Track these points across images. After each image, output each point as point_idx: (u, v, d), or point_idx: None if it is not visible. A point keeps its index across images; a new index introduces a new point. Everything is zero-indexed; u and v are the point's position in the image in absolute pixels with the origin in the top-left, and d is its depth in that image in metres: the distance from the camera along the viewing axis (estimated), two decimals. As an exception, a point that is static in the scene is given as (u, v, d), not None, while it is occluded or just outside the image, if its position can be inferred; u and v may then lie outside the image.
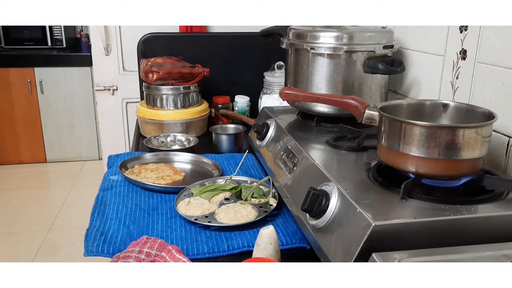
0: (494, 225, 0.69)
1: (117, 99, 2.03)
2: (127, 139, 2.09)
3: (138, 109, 1.60)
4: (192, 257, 0.86)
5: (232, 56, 1.80)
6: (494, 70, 0.92)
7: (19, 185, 3.52)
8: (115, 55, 1.98)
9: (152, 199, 1.09)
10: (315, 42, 1.13)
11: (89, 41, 2.55)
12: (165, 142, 1.49)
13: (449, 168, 0.74)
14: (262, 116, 1.32)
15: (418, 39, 1.19)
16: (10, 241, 2.72)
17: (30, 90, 3.67)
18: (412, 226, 0.66)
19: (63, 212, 3.09)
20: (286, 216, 1.01)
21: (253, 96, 1.73)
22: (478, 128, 0.73)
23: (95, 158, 3.98)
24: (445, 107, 0.87)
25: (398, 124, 0.76)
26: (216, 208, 1.01)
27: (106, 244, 0.88)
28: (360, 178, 0.82)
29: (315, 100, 1.04)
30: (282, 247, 0.88)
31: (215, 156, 1.36)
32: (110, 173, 1.23)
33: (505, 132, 0.90)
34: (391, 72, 1.12)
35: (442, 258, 0.59)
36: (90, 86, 3.72)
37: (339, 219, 0.72)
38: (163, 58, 1.62)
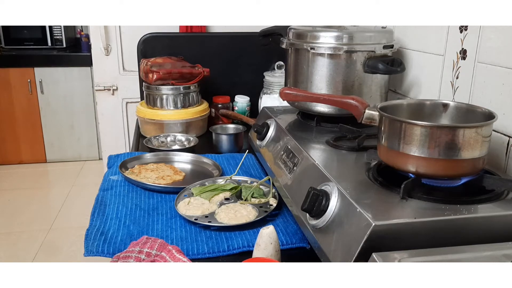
0: (494, 225, 0.69)
1: (117, 99, 2.03)
2: (127, 139, 2.09)
3: (138, 109, 1.60)
4: (192, 257, 0.86)
5: (232, 56, 1.80)
6: (494, 70, 0.92)
7: (19, 185, 3.52)
8: (115, 55, 1.98)
9: (152, 199, 1.09)
10: (315, 42, 1.13)
11: (89, 41, 2.55)
12: (165, 142, 1.49)
13: (449, 168, 0.74)
14: (262, 116, 1.32)
15: (418, 39, 1.19)
16: (10, 241, 2.72)
17: (30, 90, 3.67)
18: (412, 226, 0.66)
19: (63, 212, 3.09)
20: (286, 216, 1.01)
21: (253, 96, 1.73)
22: (478, 128, 0.73)
23: (95, 158, 3.98)
24: (445, 107, 0.87)
25: (398, 124, 0.76)
26: (216, 208, 1.01)
27: (106, 244, 0.88)
28: (360, 178, 0.82)
29: (315, 100, 1.04)
30: (282, 247, 0.88)
31: (215, 156, 1.36)
32: (110, 173, 1.23)
33: (505, 132, 0.90)
34: (391, 72, 1.12)
35: (442, 258, 0.59)
36: (90, 86, 3.72)
37: (339, 219, 0.72)
38: (163, 58, 1.62)
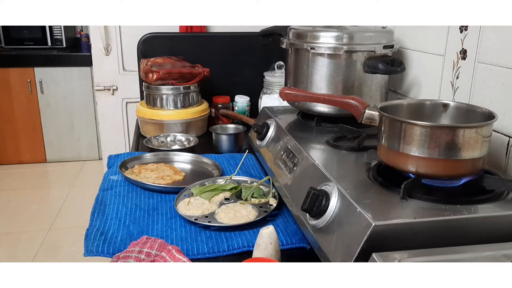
0: (494, 225, 0.69)
1: (117, 99, 2.03)
2: (127, 139, 2.09)
3: (138, 109, 1.60)
4: (192, 257, 0.86)
5: (232, 56, 1.80)
6: (494, 70, 0.92)
7: (19, 185, 3.52)
8: (115, 55, 1.98)
9: (152, 199, 1.09)
10: (315, 42, 1.13)
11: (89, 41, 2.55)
12: (165, 142, 1.49)
13: (449, 168, 0.74)
14: (262, 116, 1.32)
15: (418, 39, 1.19)
16: (10, 241, 2.72)
17: (30, 90, 3.67)
18: (412, 226, 0.66)
19: (63, 212, 3.09)
20: (286, 216, 1.01)
21: (253, 96, 1.73)
22: (478, 128, 0.73)
23: (95, 158, 3.98)
24: (445, 107, 0.87)
25: (398, 124, 0.76)
26: (216, 208, 1.01)
27: (106, 244, 0.88)
28: (360, 178, 0.82)
29: (315, 100, 1.04)
30: (282, 247, 0.88)
31: (215, 156, 1.36)
32: (110, 173, 1.23)
33: (505, 132, 0.90)
34: (391, 72, 1.12)
35: (442, 258, 0.59)
36: (90, 86, 3.72)
37: (339, 219, 0.72)
38: (163, 58, 1.62)
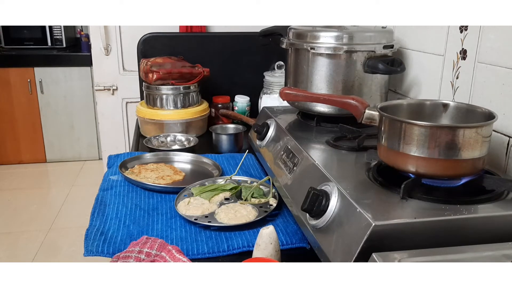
0: (494, 225, 0.69)
1: (117, 99, 2.03)
2: (127, 139, 2.09)
3: (138, 109, 1.60)
4: (192, 257, 0.86)
5: (232, 56, 1.80)
6: (494, 70, 0.92)
7: (19, 185, 3.52)
8: (115, 55, 1.98)
9: (152, 199, 1.09)
10: (315, 42, 1.13)
11: (89, 41, 2.55)
12: (165, 142, 1.49)
13: (449, 168, 0.74)
14: (262, 116, 1.32)
15: (418, 39, 1.19)
16: (10, 241, 2.72)
17: (30, 90, 3.67)
18: (412, 226, 0.66)
19: (63, 212, 3.09)
20: (286, 216, 1.01)
21: (253, 96, 1.73)
22: (478, 128, 0.73)
23: (95, 158, 3.98)
24: (445, 107, 0.87)
25: (398, 124, 0.76)
26: (216, 208, 1.01)
27: (106, 244, 0.88)
28: (360, 178, 0.82)
29: (315, 100, 1.04)
30: (282, 247, 0.88)
31: (215, 156, 1.36)
32: (110, 173, 1.23)
33: (505, 132, 0.90)
34: (391, 72, 1.12)
35: (442, 258, 0.59)
36: (90, 86, 3.72)
37: (339, 219, 0.72)
38: (163, 58, 1.62)
